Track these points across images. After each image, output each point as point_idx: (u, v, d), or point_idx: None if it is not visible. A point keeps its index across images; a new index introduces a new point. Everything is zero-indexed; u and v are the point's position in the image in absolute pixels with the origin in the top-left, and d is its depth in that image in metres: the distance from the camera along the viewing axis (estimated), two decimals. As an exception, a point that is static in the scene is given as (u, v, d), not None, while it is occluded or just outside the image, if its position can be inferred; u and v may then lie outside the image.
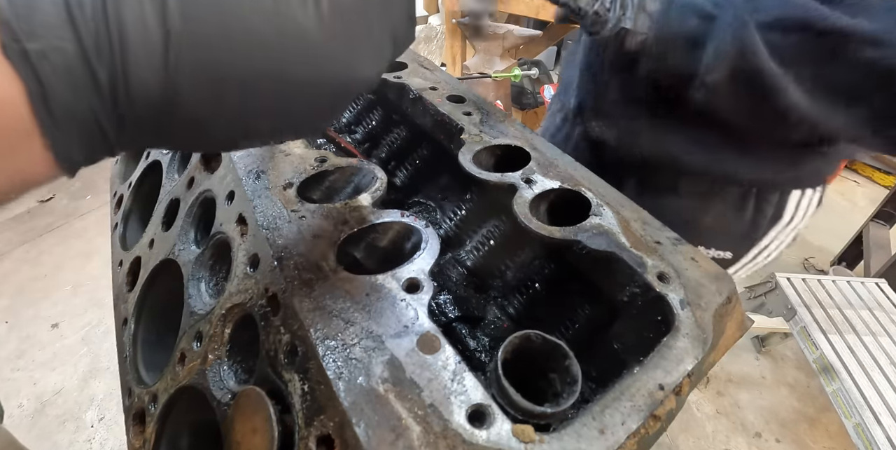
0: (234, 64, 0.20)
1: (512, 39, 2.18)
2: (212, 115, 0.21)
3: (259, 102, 0.22)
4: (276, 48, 0.20)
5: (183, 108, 0.20)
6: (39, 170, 0.19)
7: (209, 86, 0.20)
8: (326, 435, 0.25)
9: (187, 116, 0.20)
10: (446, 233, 0.53)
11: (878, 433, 1.12)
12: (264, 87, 0.21)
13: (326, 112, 0.26)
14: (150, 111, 0.20)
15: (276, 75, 0.21)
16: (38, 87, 0.17)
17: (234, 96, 0.21)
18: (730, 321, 0.33)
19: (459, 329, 0.43)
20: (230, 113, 0.21)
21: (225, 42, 0.19)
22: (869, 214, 2.14)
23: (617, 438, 0.25)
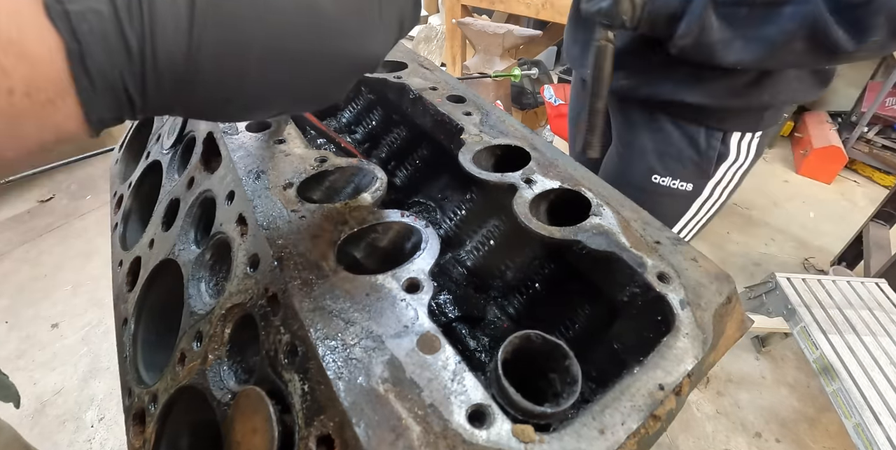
0: (255, 37, 0.21)
1: (512, 39, 2.18)
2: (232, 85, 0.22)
3: (277, 75, 0.23)
4: (295, 23, 0.22)
5: (205, 77, 0.21)
6: (70, 126, 0.20)
7: (231, 57, 0.21)
8: (326, 435, 0.25)
9: (209, 86, 0.22)
10: (446, 233, 0.53)
11: (878, 433, 1.12)
12: (282, 60, 0.22)
13: (337, 86, 0.27)
14: (173, 79, 0.21)
15: (293, 51, 0.22)
16: (76, 46, 0.18)
17: (254, 68, 0.22)
18: (730, 321, 0.33)
19: (459, 329, 0.43)
20: (250, 84, 0.23)
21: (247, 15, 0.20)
22: (869, 214, 2.14)
23: (617, 438, 0.25)
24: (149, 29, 0.19)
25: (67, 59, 0.18)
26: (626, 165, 0.89)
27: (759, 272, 2.21)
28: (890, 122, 2.92)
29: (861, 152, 2.97)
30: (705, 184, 0.85)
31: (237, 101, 0.23)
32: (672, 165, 0.84)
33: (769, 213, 2.63)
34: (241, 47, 0.21)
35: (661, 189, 0.86)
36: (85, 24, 0.18)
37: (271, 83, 0.23)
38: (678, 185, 0.85)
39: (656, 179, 0.86)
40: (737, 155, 0.82)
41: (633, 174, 0.88)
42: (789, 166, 3.10)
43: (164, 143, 0.63)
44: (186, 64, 0.20)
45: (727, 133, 0.80)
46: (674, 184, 0.85)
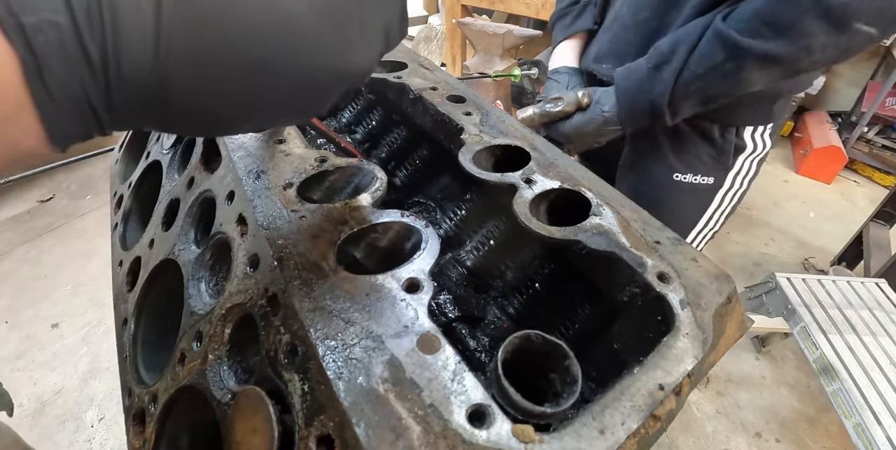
0: (225, 49, 0.20)
1: (512, 39, 2.18)
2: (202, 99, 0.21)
3: (252, 88, 0.22)
4: (268, 35, 0.21)
5: (174, 91, 0.20)
6: (31, 143, 0.19)
7: (200, 69, 0.20)
8: (326, 435, 0.25)
9: (178, 99, 0.21)
10: (446, 233, 0.53)
11: (878, 433, 1.12)
12: (255, 74, 0.21)
13: (317, 100, 0.26)
14: (141, 92, 0.20)
15: (267, 62, 0.21)
16: (32, 59, 0.17)
17: (225, 81, 0.21)
18: (730, 321, 0.33)
19: (459, 329, 0.43)
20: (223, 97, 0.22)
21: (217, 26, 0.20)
22: (869, 214, 2.14)
23: (617, 438, 0.25)
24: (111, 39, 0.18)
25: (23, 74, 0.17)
26: (645, 168, 0.90)
27: (759, 272, 2.21)
28: (890, 122, 2.92)
29: (861, 152, 2.97)
30: (726, 175, 0.87)
31: (211, 115, 0.23)
32: (691, 162, 0.85)
33: (769, 213, 2.63)
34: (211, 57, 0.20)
35: (683, 186, 0.87)
36: (41, 36, 0.17)
37: (246, 96, 0.22)
38: (700, 179, 0.87)
39: (678, 177, 0.87)
40: (753, 146, 0.84)
41: (653, 175, 0.89)
42: (789, 166, 3.10)
43: (164, 143, 0.63)
44: (154, 74, 0.19)
45: (740, 127, 0.82)
46: (695, 179, 0.87)
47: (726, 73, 0.65)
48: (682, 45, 0.67)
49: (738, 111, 0.79)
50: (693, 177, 0.87)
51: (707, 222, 0.94)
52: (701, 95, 0.69)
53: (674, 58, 0.67)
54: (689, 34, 0.67)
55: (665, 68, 0.68)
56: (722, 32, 0.63)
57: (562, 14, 0.95)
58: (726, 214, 0.95)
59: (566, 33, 0.93)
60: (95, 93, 0.19)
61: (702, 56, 0.65)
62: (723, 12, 0.65)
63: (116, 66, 0.18)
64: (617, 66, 0.80)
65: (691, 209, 0.91)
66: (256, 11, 0.20)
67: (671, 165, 0.86)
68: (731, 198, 0.92)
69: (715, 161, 0.85)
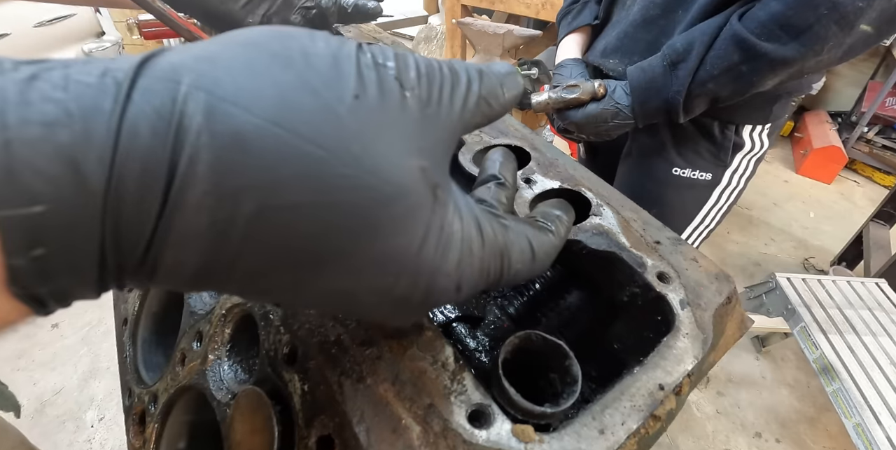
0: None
1: (512, 39, 2.18)
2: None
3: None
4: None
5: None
6: (13, 323, 0.16)
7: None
8: (326, 435, 0.25)
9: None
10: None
11: (878, 433, 1.12)
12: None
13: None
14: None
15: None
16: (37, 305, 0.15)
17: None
18: (730, 321, 0.33)
19: (459, 329, 0.43)
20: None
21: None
22: (869, 214, 2.14)
23: (617, 438, 0.25)
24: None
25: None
26: (646, 161, 0.92)
27: (759, 272, 2.21)
28: (890, 122, 2.92)
29: (861, 152, 2.97)
30: (723, 172, 0.89)
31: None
32: (691, 157, 0.87)
33: (769, 213, 2.63)
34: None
35: (682, 181, 0.89)
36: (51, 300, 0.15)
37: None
38: (698, 175, 0.89)
39: (677, 172, 0.89)
40: (751, 145, 0.86)
41: (653, 169, 0.90)
42: (789, 166, 3.10)
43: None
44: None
45: (739, 125, 0.84)
46: (694, 174, 0.89)
47: (741, 74, 0.66)
48: (698, 44, 0.67)
49: (738, 109, 0.80)
50: (692, 172, 0.89)
51: (703, 219, 0.95)
52: (713, 95, 0.70)
53: (690, 56, 0.68)
54: (704, 33, 0.67)
55: (682, 66, 0.69)
56: (739, 34, 0.63)
57: (566, 11, 0.97)
58: (723, 213, 0.96)
59: (569, 28, 0.95)
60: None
61: (718, 57, 0.66)
62: (738, 12, 0.65)
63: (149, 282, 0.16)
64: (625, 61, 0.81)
65: (689, 204, 0.93)
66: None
67: (671, 159, 0.88)
68: (728, 196, 0.93)
69: (714, 157, 0.87)
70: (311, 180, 0.15)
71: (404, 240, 0.17)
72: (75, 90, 0.13)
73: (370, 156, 0.16)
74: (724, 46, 0.65)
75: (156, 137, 0.14)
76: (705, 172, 0.88)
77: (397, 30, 3.41)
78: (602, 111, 0.76)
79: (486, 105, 0.20)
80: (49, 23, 2.48)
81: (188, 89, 0.14)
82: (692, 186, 0.90)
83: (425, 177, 0.17)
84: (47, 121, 0.13)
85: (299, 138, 0.15)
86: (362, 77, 0.16)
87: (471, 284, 0.20)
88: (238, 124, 0.14)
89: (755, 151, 0.88)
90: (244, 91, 0.15)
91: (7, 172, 0.12)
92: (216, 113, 0.14)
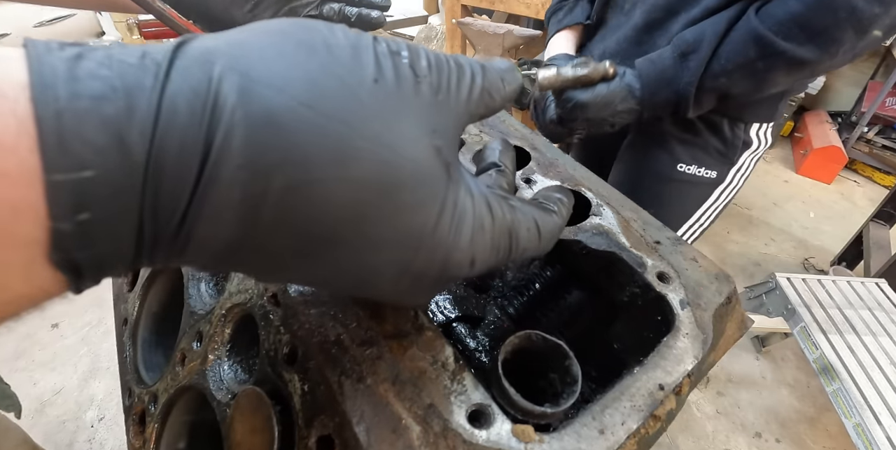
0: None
1: (512, 39, 2.18)
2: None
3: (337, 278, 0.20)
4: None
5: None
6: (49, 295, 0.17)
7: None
8: (326, 435, 0.25)
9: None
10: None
11: (878, 433, 1.12)
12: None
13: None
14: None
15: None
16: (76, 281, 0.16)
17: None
18: (730, 321, 0.33)
19: (459, 329, 0.43)
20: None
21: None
22: (869, 214, 2.14)
23: (617, 438, 0.25)
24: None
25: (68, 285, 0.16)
26: (647, 156, 0.89)
27: (759, 272, 2.21)
28: (890, 122, 2.92)
29: (861, 152, 2.97)
30: (728, 170, 0.88)
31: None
32: (698, 154, 0.86)
33: (769, 213, 2.63)
34: None
35: (686, 177, 0.87)
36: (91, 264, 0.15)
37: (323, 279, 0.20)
38: (703, 172, 0.87)
39: (682, 168, 0.87)
40: (758, 143, 0.86)
41: (656, 165, 0.88)
42: (789, 166, 3.10)
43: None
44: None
45: (748, 123, 0.83)
46: (699, 171, 0.87)
47: (755, 71, 0.65)
48: (709, 34, 0.66)
49: (748, 107, 0.80)
50: (697, 169, 0.87)
51: (699, 218, 0.94)
52: (725, 90, 0.68)
53: (701, 46, 0.66)
54: (715, 24, 0.66)
55: (692, 57, 0.67)
56: (757, 31, 0.62)
57: (556, 9, 0.95)
58: (718, 211, 0.95)
59: (559, 25, 0.93)
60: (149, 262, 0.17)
61: (733, 52, 0.65)
62: (755, 7, 0.64)
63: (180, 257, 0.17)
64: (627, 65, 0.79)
65: (688, 202, 0.91)
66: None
67: (677, 155, 0.86)
68: (727, 194, 0.92)
69: (721, 155, 0.86)
70: (336, 155, 0.16)
71: (422, 214, 0.18)
72: (118, 68, 0.15)
73: (390, 133, 0.17)
74: (741, 41, 0.64)
75: (193, 113, 0.15)
76: (711, 169, 0.87)
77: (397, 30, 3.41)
78: (610, 93, 0.70)
79: (488, 96, 0.21)
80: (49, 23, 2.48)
81: (223, 70, 0.15)
82: (695, 184, 0.88)
83: (440, 155, 0.19)
84: (95, 95, 0.14)
85: (326, 118, 0.16)
86: (380, 64, 0.18)
87: (483, 260, 0.21)
88: (271, 104, 0.15)
89: (760, 149, 0.87)
90: (275, 74, 0.16)
91: (59, 140, 0.13)
92: (250, 93, 0.15)
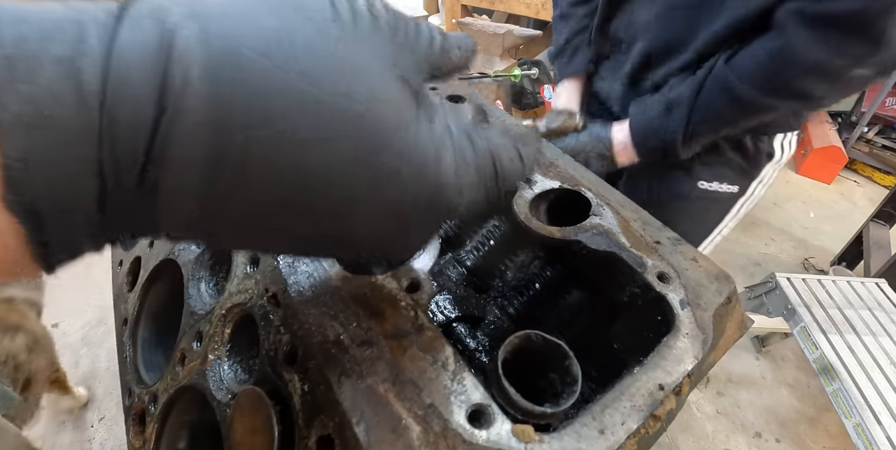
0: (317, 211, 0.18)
1: (512, 39, 2.18)
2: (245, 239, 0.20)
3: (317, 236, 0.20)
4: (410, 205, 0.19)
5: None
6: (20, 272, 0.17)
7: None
8: (326, 435, 0.25)
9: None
10: (446, 233, 0.53)
11: (878, 433, 1.12)
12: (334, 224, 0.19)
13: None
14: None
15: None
16: (37, 236, 0.15)
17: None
18: (730, 321, 0.33)
19: (459, 329, 0.43)
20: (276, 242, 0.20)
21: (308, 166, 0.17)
22: (869, 214, 2.14)
23: (617, 438, 0.25)
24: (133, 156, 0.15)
25: (27, 242, 0.15)
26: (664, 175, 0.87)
27: (759, 272, 2.21)
28: (890, 122, 2.92)
29: (861, 152, 2.97)
30: (750, 183, 0.87)
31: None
32: (720, 170, 0.84)
33: (769, 213, 2.63)
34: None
35: (708, 194, 0.86)
36: (47, 209, 0.15)
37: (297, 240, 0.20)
38: (724, 188, 0.86)
39: (703, 185, 0.85)
40: (781, 152, 0.85)
41: (673, 183, 0.86)
42: (789, 166, 3.10)
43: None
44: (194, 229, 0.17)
45: (771, 134, 0.83)
46: (720, 188, 0.86)
47: (734, 117, 0.69)
48: (687, 88, 0.70)
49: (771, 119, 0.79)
50: (719, 185, 0.85)
51: (721, 230, 0.93)
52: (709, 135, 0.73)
53: (683, 100, 0.70)
54: (696, 78, 0.69)
55: (676, 110, 0.71)
56: (725, 82, 0.66)
57: (558, 53, 0.96)
58: (738, 221, 0.93)
59: (563, 74, 0.96)
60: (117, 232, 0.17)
61: (710, 101, 0.68)
62: (724, 56, 0.67)
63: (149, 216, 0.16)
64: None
65: (710, 217, 0.90)
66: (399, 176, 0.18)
67: (696, 173, 0.84)
68: (748, 205, 0.91)
69: (743, 170, 0.85)
70: (297, 99, 0.16)
71: (396, 143, 0.18)
72: (68, 14, 0.14)
73: (351, 67, 0.17)
74: (711, 93, 0.67)
75: (145, 62, 0.14)
76: (732, 184, 0.85)
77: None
78: (579, 143, 0.79)
79: (446, 54, 0.22)
80: None
81: (179, 19, 0.15)
82: (716, 200, 0.86)
83: (406, 84, 0.19)
84: (42, 37, 0.14)
85: (285, 65, 0.16)
86: (335, 5, 0.18)
87: (471, 189, 0.21)
88: (227, 53, 0.15)
89: (783, 159, 0.86)
90: (232, 24, 0.16)
91: (9, 81, 0.13)
92: (207, 42, 0.15)
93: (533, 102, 2.51)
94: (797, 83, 0.62)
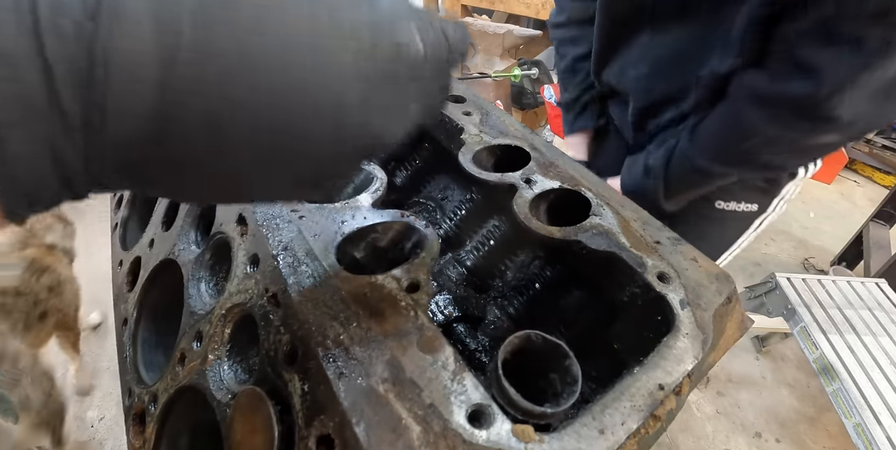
0: (247, 123, 0.18)
1: (512, 39, 2.18)
2: (205, 176, 0.20)
3: (266, 168, 0.20)
4: (305, 115, 0.19)
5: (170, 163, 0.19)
6: None
7: (210, 143, 0.18)
8: (326, 435, 0.25)
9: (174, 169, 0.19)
10: (446, 233, 0.53)
11: (878, 433, 1.12)
12: (276, 149, 0.19)
13: (337, 175, 0.24)
14: (131, 156, 0.18)
15: (295, 137, 0.19)
16: None
17: (238, 153, 0.19)
18: (730, 321, 0.33)
19: (459, 329, 0.43)
20: (228, 177, 0.20)
21: (247, 104, 0.17)
22: (869, 214, 2.14)
23: (617, 438, 0.25)
24: (101, 95, 0.15)
25: None
26: None
27: (759, 272, 2.21)
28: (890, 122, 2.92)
29: (861, 152, 2.97)
30: (770, 201, 0.84)
31: (214, 189, 0.21)
32: (737, 191, 0.82)
33: (769, 213, 2.63)
34: (226, 136, 0.18)
35: (725, 214, 0.84)
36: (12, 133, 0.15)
37: (256, 174, 0.20)
38: (743, 207, 0.84)
39: (720, 205, 0.83)
40: (804, 171, 0.82)
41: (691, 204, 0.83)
42: (789, 166, 3.10)
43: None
44: (152, 149, 0.17)
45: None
46: (739, 207, 0.84)
47: (700, 185, 0.72)
48: (661, 157, 0.72)
49: None
50: (737, 205, 0.83)
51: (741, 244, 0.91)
52: (692, 194, 0.75)
53: (657, 167, 0.73)
54: (668, 144, 0.72)
55: (652, 174, 0.74)
56: (685, 154, 0.68)
57: (567, 107, 0.96)
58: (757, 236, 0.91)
59: (572, 129, 0.96)
60: (73, 159, 0.17)
61: (674, 171, 0.71)
62: (690, 126, 0.69)
63: (101, 125, 0.16)
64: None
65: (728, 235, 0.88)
66: (302, 94, 0.18)
67: (713, 195, 0.82)
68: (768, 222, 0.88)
69: (763, 190, 0.82)
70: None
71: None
72: None
73: None
74: (676, 163, 0.70)
75: None
76: (751, 203, 0.83)
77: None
78: None
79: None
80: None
81: None
82: (735, 218, 0.84)
83: None
84: None
85: None
86: None
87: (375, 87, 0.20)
88: None
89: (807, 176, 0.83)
90: None
91: None
92: None
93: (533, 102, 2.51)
94: (755, 155, 0.64)
